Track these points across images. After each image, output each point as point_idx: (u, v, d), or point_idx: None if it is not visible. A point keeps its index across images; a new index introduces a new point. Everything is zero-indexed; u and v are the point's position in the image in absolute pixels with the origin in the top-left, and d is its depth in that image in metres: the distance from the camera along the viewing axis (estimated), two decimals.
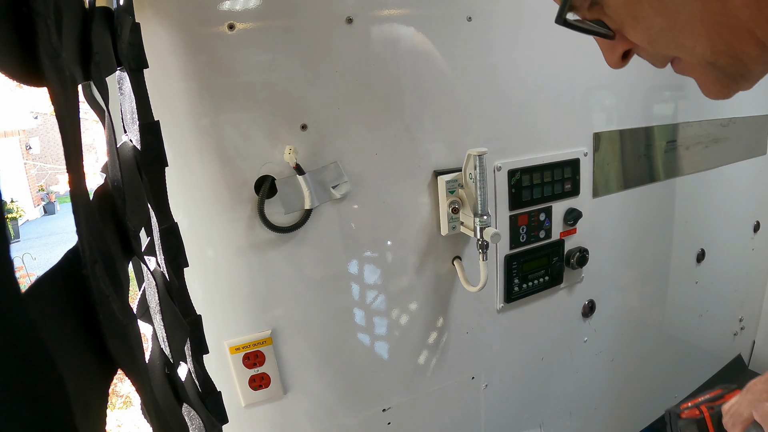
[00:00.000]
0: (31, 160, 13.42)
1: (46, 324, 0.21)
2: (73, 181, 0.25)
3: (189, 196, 0.78)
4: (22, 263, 6.52)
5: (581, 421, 1.37)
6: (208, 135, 0.76)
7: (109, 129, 0.39)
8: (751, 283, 1.91)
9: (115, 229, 0.37)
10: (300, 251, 0.85)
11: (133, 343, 0.30)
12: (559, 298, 1.20)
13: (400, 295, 0.97)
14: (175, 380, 0.46)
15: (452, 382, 1.08)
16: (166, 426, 0.37)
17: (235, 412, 0.87)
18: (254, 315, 0.85)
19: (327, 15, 0.80)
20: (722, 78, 0.36)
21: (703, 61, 0.35)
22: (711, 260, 1.63)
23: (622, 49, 0.40)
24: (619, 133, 1.22)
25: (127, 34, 0.52)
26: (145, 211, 0.49)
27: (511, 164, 1.02)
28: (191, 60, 0.73)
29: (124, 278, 0.33)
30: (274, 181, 0.81)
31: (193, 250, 0.74)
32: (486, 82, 0.97)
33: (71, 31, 0.33)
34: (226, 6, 0.73)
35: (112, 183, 0.38)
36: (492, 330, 1.11)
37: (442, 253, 0.99)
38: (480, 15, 0.92)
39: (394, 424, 1.02)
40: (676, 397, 1.67)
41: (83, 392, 0.23)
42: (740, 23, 0.32)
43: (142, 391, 0.31)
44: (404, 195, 0.93)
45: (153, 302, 0.46)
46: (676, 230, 1.47)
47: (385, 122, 0.88)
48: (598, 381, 1.38)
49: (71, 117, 0.26)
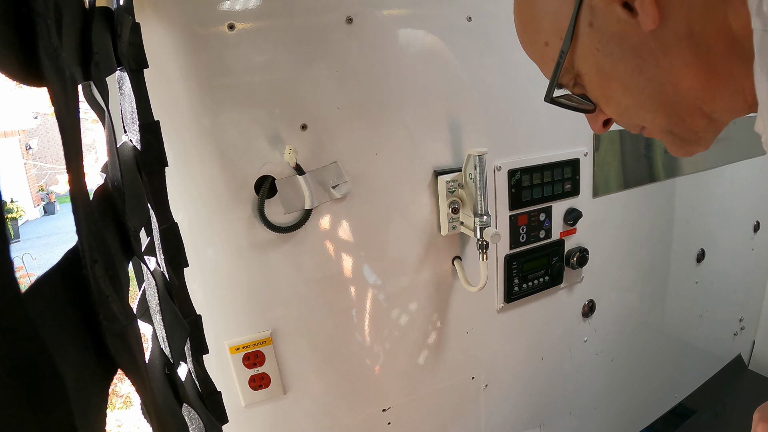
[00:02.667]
0: (31, 160, 13.41)
1: (46, 324, 0.21)
2: (73, 181, 0.25)
3: (189, 196, 0.78)
4: (22, 263, 6.52)
5: (581, 420, 1.37)
6: (208, 135, 0.76)
7: (109, 129, 0.39)
8: (751, 283, 1.91)
9: (115, 229, 0.37)
10: (300, 251, 0.85)
11: (133, 343, 0.30)
12: (559, 298, 1.20)
13: (400, 295, 0.97)
14: (175, 380, 0.46)
15: (452, 382, 1.08)
16: (166, 426, 0.37)
17: (236, 412, 0.87)
18: (254, 315, 0.85)
19: (327, 15, 0.80)
20: (679, 142, 0.46)
21: (663, 130, 0.45)
22: (711, 260, 1.63)
23: (602, 118, 0.49)
24: (619, 133, 1.22)
25: (127, 34, 0.52)
26: (145, 211, 0.49)
27: (511, 164, 1.02)
28: (191, 60, 0.73)
29: (124, 278, 0.33)
30: (274, 181, 0.81)
31: (193, 250, 0.74)
32: (486, 81, 0.97)
33: (71, 31, 0.32)
34: (226, 6, 0.73)
35: (112, 183, 0.38)
36: (492, 330, 1.11)
37: (442, 253, 0.99)
38: (480, 15, 0.92)
39: (395, 424, 1.02)
40: (675, 397, 1.67)
41: (83, 392, 0.23)
42: (689, 102, 0.41)
43: (142, 391, 0.31)
44: (404, 195, 0.93)
45: (153, 302, 0.46)
46: (676, 230, 1.47)
47: (385, 122, 0.88)
48: (598, 381, 1.38)
49: (71, 117, 0.26)
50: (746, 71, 0.36)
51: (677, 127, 0.44)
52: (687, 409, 1.69)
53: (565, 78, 0.46)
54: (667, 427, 1.63)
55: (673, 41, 0.39)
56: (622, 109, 0.45)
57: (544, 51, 0.46)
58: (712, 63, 0.39)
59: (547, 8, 0.44)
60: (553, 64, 0.45)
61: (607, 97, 0.45)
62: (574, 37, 0.42)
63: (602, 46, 0.41)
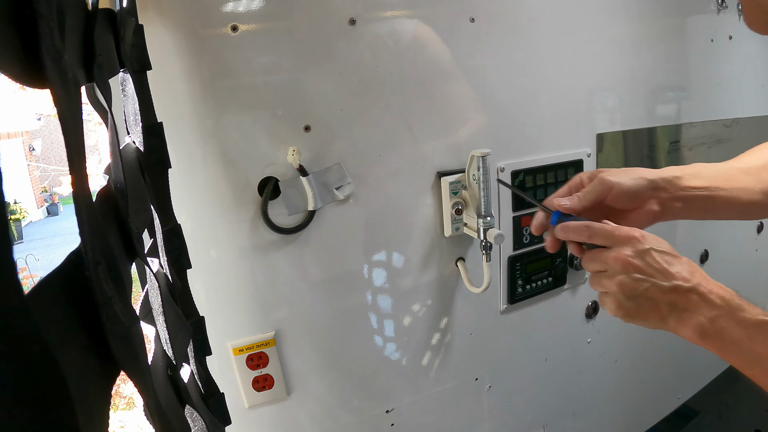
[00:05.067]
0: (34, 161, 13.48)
1: (49, 325, 0.21)
2: (76, 183, 0.25)
3: (192, 197, 0.78)
4: (25, 264, 6.55)
5: (585, 422, 1.36)
6: (211, 136, 0.76)
7: (112, 130, 0.39)
8: (754, 284, 1.90)
9: (118, 230, 0.37)
10: (303, 253, 0.85)
11: (136, 345, 0.30)
12: (562, 299, 1.20)
13: (404, 296, 0.97)
14: (178, 382, 0.46)
15: (456, 383, 1.08)
16: (169, 427, 0.37)
17: (239, 414, 0.87)
18: (257, 316, 0.85)
19: (330, 16, 0.80)
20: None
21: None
22: (714, 261, 1.62)
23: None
24: (622, 134, 1.21)
25: (130, 35, 0.52)
26: (148, 213, 0.49)
27: (514, 165, 1.02)
28: (194, 61, 0.73)
29: (127, 280, 0.33)
30: (278, 182, 0.81)
31: (197, 251, 0.74)
32: (489, 82, 0.97)
33: (74, 32, 0.33)
34: (229, 7, 0.74)
35: (115, 185, 0.38)
36: (496, 331, 1.11)
37: (446, 254, 0.99)
38: (483, 16, 0.92)
39: (398, 425, 1.02)
40: (679, 398, 1.66)
41: (86, 393, 0.23)
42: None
43: (145, 393, 0.31)
44: (407, 196, 0.92)
45: (156, 304, 0.46)
46: (680, 231, 1.47)
47: (389, 123, 0.88)
48: (602, 382, 1.37)
49: (74, 119, 0.26)
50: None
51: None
52: (691, 410, 1.68)
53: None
54: (670, 428, 1.62)
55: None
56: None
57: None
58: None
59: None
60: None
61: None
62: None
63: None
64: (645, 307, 0.56)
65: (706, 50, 1.37)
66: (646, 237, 0.58)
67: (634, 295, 0.56)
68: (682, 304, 0.54)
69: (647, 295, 0.55)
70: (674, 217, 0.70)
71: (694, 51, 1.33)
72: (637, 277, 0.56)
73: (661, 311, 0.56)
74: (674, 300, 0.54)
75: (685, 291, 0.54)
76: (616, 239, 0.58)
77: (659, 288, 0.55)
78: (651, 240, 0.57)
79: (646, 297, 0.56)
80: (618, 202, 0.67)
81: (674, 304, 0.55)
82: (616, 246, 0.58)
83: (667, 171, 0.71)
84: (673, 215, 0.69)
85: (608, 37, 1.12)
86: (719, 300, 0.52)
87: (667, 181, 0.69)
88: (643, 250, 0.56)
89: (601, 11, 1.09)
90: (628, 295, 0.57)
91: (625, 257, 0.56)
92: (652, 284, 0.55)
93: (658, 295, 0.55)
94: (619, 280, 0.57)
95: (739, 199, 0.70)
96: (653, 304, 0.56)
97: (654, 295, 0.55)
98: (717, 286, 0.54)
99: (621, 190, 0.66)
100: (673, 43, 1.28)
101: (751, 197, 0.70)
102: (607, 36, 1.12)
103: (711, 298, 0.53)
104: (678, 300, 0.54)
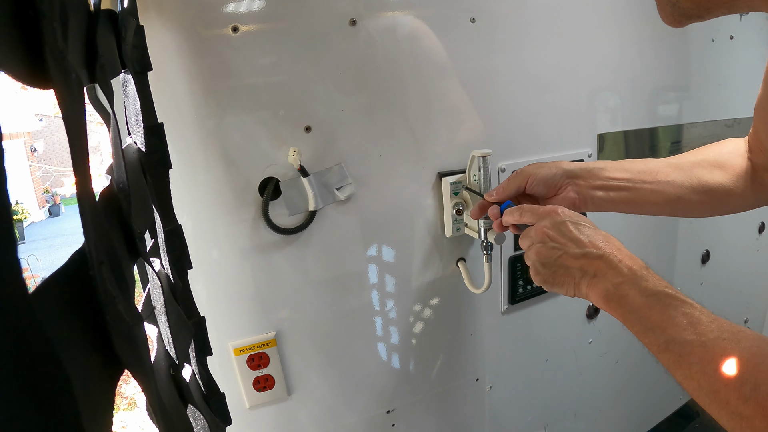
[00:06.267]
0: (36, 162, 13.50)
1: (53, 325, 0.21)
2: (79, 183, 0.25)
3: (193, 198, 0.78)
4: (27, 265, 6.55)
5: (586, 422, 1.36)
6: (212, 137, 0.76)
7: (114, 131, 0.39)
8: (756, 285, 1.90)
9: (121, 230, 0.37)
10: (304, 253, 0.85)
11: (140, 344, 0.31)
12: (563, 299, 1.20)
13: (405, 296, 0.97)
14: (180, 381, 0.46)
15: (457, 384, 1.08)
16: (171, 426, 0.37)
17: (240, 414, 0.87)
18: (258, 317, 0.85)
19: (331, 17, 0.80)
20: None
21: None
22: (716, 261, 1.62)
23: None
24: (623, 134, 1.21)
25: (131, 36, 0.52)
26: (150, 213, 0.49)
27: (515, 165, 1.02)
28: (195, 62, 0.73)
29: (129, 279, 0.34)
30: (279, 183, 0.81)
31: (198, 251, 0.74)
32: (490, 83, 0.97)
33: (77, 33, 0.33)
34: (230, 8, 0.74)
35: (118, 185, 0.38)
36: (496, 332, 1.11)
37: (447, 254, 0.99)
38: (484, 16, 0.92)
39: (399, 425, 1.02)
40: (680, 399, 1.66)
41: (90, 392, 0.23)
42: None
43: (148, 392, 0.31)
44: (408, 196, 0.92)
45: (158, 303, 0.46)
46: (681, 231, 1.46)
47: (389, 124, 0.88)
48: (603, 382, 1.37)
49: (77, 119, 0.26)
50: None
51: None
52: (692, 411, 1.68)
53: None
54: (672, 428, 1.62)
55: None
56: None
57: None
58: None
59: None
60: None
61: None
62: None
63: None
64: (559, 273, 0.60)
65: (708, 50, 1.37)
66: (565, 212, 0.63)
67: (548, 263, 0.61)
68: (592, 270, 0.57)
69: (560, 261, 0.60)
70: (597, 207, 0.75)
71: (695, 51, 1.33)
72: (552, 245, 0.60)
73: (574, 277, 0.59)
74: (585, 266, 0.57)
75: (595, 257, 0.57)
76: (539, 215, 0.64)
77: (571, 254, 0.59)
78: (569, 214, 0.62)
79: (559, 264, 0.60)
80: (535, 190, 0.75)
81: (585, 270, 0.58)
82: (538, 221, 0.63)
83: (592, 163, 0.76)
84: (595, 205, 0.75)
85: (609, 37, 1.12)
86: (626, 269, 0.55)
87: (587, 171, 0.75)
88: (560, 222, 0.61)
89: (602, 12, 1.09)
90: (543, 263, 0.61)
91: (542, 228, 0.62)
92: (565, 252, 0.59)
93: (570, 261, 0.59)
94: (536, 248, 0.62)
95: (664, 192, 0.74)
96: (566, 270, 0.59)
97: (566, 262, 0.59)
98: (628, 257, 0.56)
99: (536, 178, 0.74)
100: (675, 43, 1.28)
101: (677, 192, 0.74)
102: (609, 36, 1.12)
103: (619, 267, 0.55)
104: (588, 266, 0.57)
